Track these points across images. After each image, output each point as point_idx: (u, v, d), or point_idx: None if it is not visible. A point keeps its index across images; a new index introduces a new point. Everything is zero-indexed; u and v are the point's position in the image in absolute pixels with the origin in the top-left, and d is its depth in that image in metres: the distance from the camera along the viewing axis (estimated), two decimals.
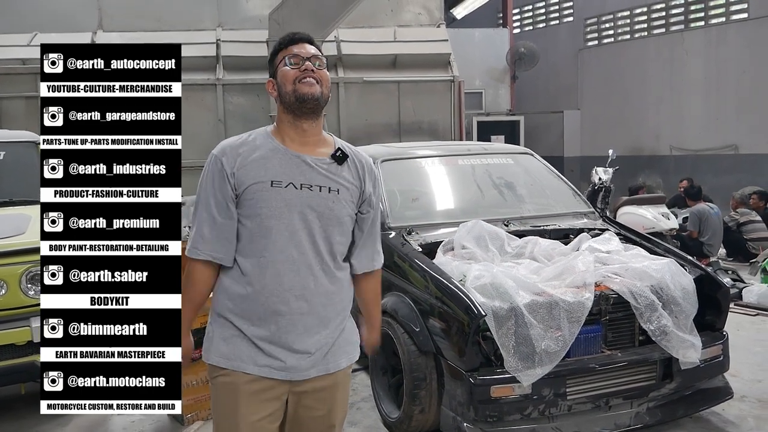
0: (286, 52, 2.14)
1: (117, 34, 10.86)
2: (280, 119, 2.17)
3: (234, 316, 2.10)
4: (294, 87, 2.08)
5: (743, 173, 11.68)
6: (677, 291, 3.59)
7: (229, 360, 2.10)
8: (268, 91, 2.21)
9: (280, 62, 2.14)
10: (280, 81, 2.12)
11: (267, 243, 2.05)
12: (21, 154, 4.96)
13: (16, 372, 3.87)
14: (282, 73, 2.13)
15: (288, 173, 2.07)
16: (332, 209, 2.11)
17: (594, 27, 15.16)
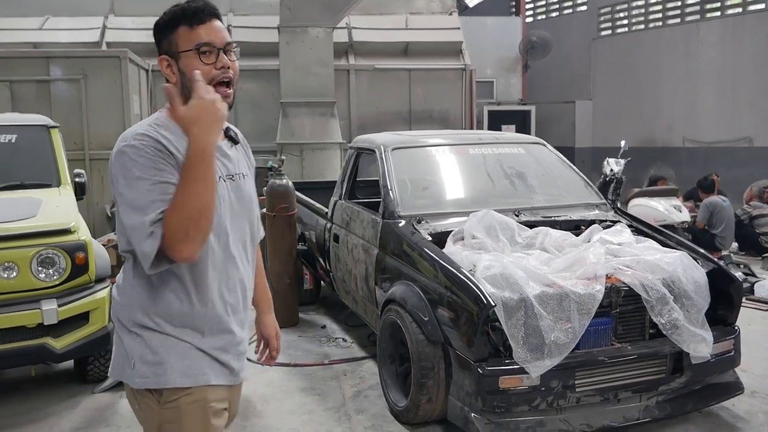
0: (194, 36, 1.81)
1: (128, 18, 10.87)
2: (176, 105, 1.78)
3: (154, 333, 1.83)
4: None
5: (757, 166, 11.55)
6: (689, 284, 3.56)
7: (194, 378, 1.85)
8: (162, 69, 1.86)
9: (188, 49, 1.81)
10: (186, 75, 1.81)
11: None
12: (33, 138, 4.97)
13: (27, 354, 3.90)
14: (192, 66, 1.79)
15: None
16: (250, 194, 1.99)
17: (608, 16, 15.01)
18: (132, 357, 1.84)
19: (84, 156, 8.28)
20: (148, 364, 1.82)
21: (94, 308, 4.06)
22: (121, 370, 1.88)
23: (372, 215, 4.56)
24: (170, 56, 1.85)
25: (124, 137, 1.78)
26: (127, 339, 1.85)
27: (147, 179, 1.70)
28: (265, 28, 10.45)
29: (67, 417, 4.03)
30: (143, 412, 1.89)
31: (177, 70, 1.84)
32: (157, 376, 1.82)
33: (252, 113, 10.37)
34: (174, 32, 1.83)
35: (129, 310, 1.85)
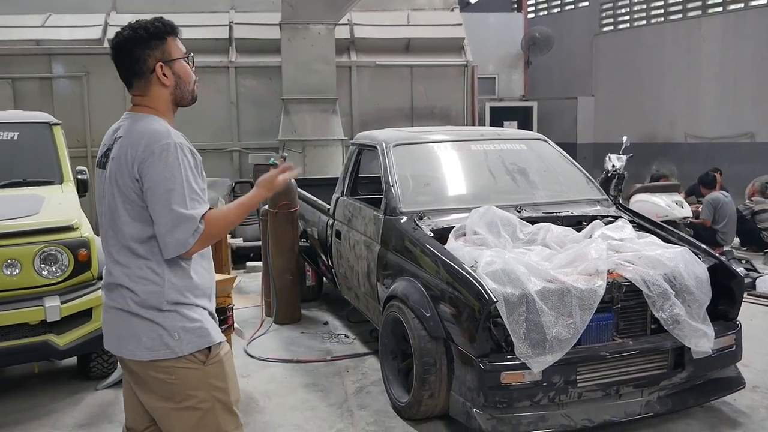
0: (180, 46, 2.21)
1: (130, 15, 10.80)
2: (165, 107, 2.23)
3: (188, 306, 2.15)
4: (193, 88, 2.26)
5: (759, 162, 11.52)
6: (690, 280, 3.56)
7: (206, 338, 2.18)
8: (160, 75, 2.17)
9: (180, 57, 2.20)
10: (184, 78, 2.22)
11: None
12: (35, 135, 4.98)
13: (30, 351, 3.92)
14: (184, 69, 2.21)
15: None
16: None
17: (610, 12, 14.96)
18: (174, 330, 2.10)
19: (86, 153, 8.32)
20: (190, 331, 2.12)
21: (97, 305, 4.07)
22: (161, 346, 2.09)
23: (374, 211, 4.57)
24: (165, 63, 2.16)
25: (165, 133, 2.08)
26: (162, 318, 2.10)
27: (194, 180, 2.08)
28: (266, 25, 10.43)
29: (71, 413, 4.04)
30: (182, 379, 2.12)
31: (172, 74, 2.18)
32: (202, 337, 2.15)
33: (254, 110, 10.37)
34: (165, 41, 2.17)
35: (160, 295, 2.10)
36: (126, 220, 2.09)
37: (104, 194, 2.17)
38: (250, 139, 10.36)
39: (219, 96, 10.30)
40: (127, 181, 2.06)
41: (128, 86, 2.22)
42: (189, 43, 2.21)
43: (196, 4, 11.08)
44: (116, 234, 2.13)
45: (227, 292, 4.12)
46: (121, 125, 2.20)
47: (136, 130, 2.11)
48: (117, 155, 2.11)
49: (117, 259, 2.14)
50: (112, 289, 2.18)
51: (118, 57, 2.19)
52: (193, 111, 9.97)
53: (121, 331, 2.16)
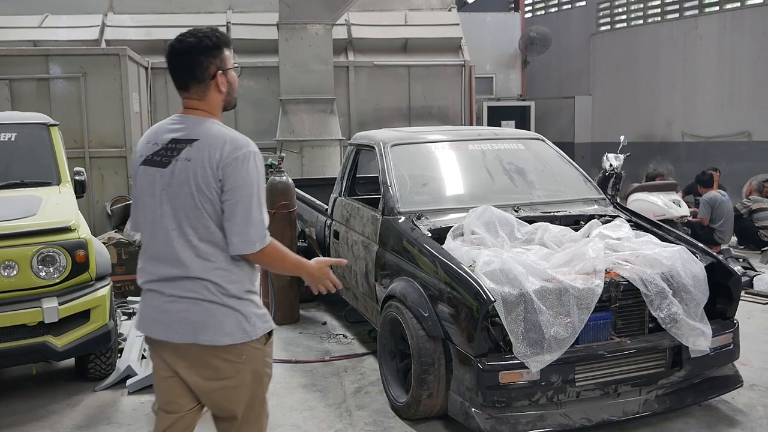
0: (230, 57, 2.39)
1: (128, 16, 10.87)
2: (219, 113, 2.40)
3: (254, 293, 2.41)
4: (235, 96, 2.45)
5: (756, 161, 11.55)
6: (688, 278, 3.57)
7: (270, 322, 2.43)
8: (219, 83, 2.34)
9: (233, 67, 2.39)
10: (233, 86, 2.41)
11: None
12: (32, 136, 4.97)
13: (28, 352, 3.91)
14: (234, 79, 2.41)
15: None
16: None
17: (607, 11, 14.98)
18: (250, 316, 2.33)
19: (84, 154, 8.29)
20: (261, 317, 2.37)
21: (95, 306, 4.08)
22: (239, 331, 2.30)
23: (372, 212, 4.57)
24: (221, 70, 2.34)
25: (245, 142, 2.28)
26: (241, 305, 2.32)
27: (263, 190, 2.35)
28: (264, 25, 10.45)
29: (69, 415, 4.04)
30: (250, 359, 2.35)
31: (226, 81, 2.36)
32: (268, 323, 2.40)
33: (252, 110, 10.38)
34: (221, 53, 2.33)
35: (240, 284, 2.32)
36: (209, 218, 2.24)
37: (161, 190, 2.28)
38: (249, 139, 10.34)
39: None
40: (210, 181, 2.21)
41: (184, 89, 2.35)
42: None
43: (193, 5, 11.09)
44: (196, 231, 2.25)
45: None
46: (182, 127, 2.32)
47: (213, 134, 2.26)
48: (195, 157, 2.23)
49: (196, 254, 2.26)
50: (185, 281, 2.28)
51: (180, 61, 2.32)
52: None
53: (198, 319, 2.28)
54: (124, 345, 4.92)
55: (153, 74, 10.03)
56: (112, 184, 8.46)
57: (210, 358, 2.30)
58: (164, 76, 10.14)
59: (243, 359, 2.33)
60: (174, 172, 2.25)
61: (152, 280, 2.36)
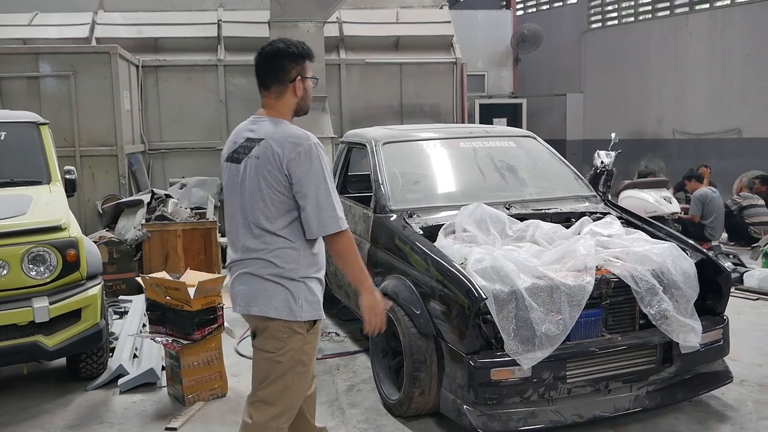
0: (310, 69, 2.68)
1: (118, 14, 10.80)
2: (289, 114, 2.70)
3: (311, 279, 2.61)
4: (309, 104, 2.74)
5: (746, 157, 11.62)
6: (678, 275, 3.59)
7: (318, 312, 2.63)
8: (295, 87, 2.63)
9: (309, 77, 2.67)
10: (308, 93, 2.69)
11: None
12: (22, 135, 4.95)
13: (19, 352, 3.89)
14: (309, 88, 2.69)
15: None
16: None
17: (598, 9, 15.01)
18: (299, 298, 2.56)
19: (74, 153, 8.26)
20: (311, 302, 2.59)
21: (86, 305, 4.06)
22: (285, 309, 2.55)
23: (363, 209, 4.57)
24: (300, 77, 2.63)
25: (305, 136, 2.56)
26: (293, 286, 2.56)
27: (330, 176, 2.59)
28: (255, 23, 10.40)
29: (60, 414, 4.03)
30: (290, 339, 2.56)
31: (303, 88, 2.65)
32: (316, 311, 2.62)
33: (243, 108, 10.33)
34: (303, 63, 2.64)
35: (295, 266, 2.56)
36: (275, 210, 2.53)
37: (237, 184, 2.60)
38: None
39: (208, 94, 10.27)
40: (278, 176, 2.50)
41: (265, 88, 2.65)
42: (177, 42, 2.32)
43: (184, 3, 11.04)
44: (259, 221, 2.55)
45: (217, 292, 4.12)
46: (256, 127, 2.63)
47: (278, 132, 2.55)
48: (263, 154, 2.52)
49: (259, 240, 2.56)
50: (247, 261, 2.59)
51: (267, 62, 2.63)
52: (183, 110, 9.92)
53: (252, 293, 2.58)
54: (116, 344, 4.90)
55: (144, 72, 9.99)
56: (103, 183, 8.43)
57: (262, 326, 2.59)
58: (155, 74, 10.12)
59: (284, 338, 2.56)
60: (246, 168, 2.57)
61: (229, 264, 2.71)
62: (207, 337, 4.07)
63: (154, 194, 7.45)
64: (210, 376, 4.16)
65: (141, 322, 5.28)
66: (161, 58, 10.22)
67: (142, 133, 9.94)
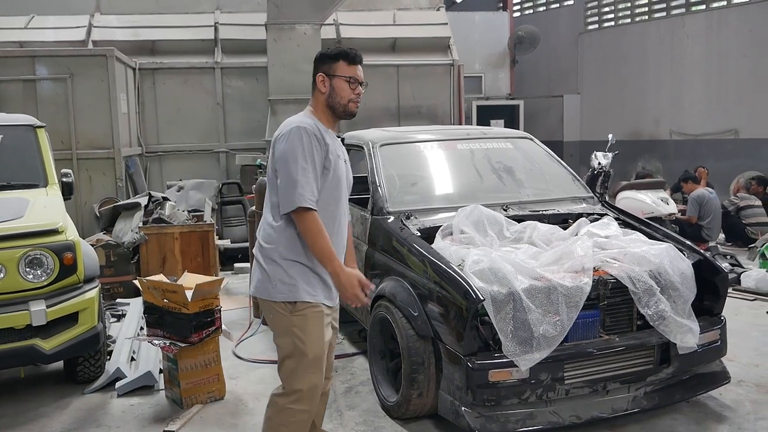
0: (351, 71, 2.80)
1: (115, 17, 10.80)
2: (320, 109, 2.83)
3: (309, 261, 2.73)
4: (346, 103, 2.83)
5: (743, 158, 11.64)
6: (675, 276, 3.59)
7: (314, 296, 2.75)
8: (317, 82, 2.80)
9: (341, 75, 2.79)
10: (337, 92, 2.80)
11: (334, 200, 2.79)
12: (19, 138, 4.94)
13: (16, 355, 3.87)
14: (341, 86, 2.80)
15: (338, 149, 2.85)
16: (349, 174, 2.98)
17: (595, 10, 15.04)
18: (274, 279, 2.73)
19: (71, 155, 8.25)
20: (286, 284, 2.72)
21: (83, 308, 4.05)
22: (264, 290, 2.76)
23: (361, 211, 4.57)
24: (327, 75, 2.80)
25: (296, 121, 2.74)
26: (270, 267, 2.74)
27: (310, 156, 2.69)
28: (252, 26, 10.41)
29: (58, 418, 4.02)
30: (276, 319, 2.78)
31: (329, 85, 2.80)
32: (292, 292, 2.73)
33: (241, 111, 10.35)
34: (336, 62, 2.80)
35: (275, 248, 2.73)
36: (270, 189, 2.80)
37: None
38: (236, 140, 10.33)
39: (205, 97, 10.27)
40: (270, 157, 2.78)
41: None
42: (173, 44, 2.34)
43: (181, 5, 11.04)
44: (267, 203, 2.83)
45: (214, 294, 4.11)
46: None
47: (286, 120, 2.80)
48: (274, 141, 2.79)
49: (263, 221, 2.84)
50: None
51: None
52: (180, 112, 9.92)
53: (252, 272, 2.91)
54: (113, 347, 4.90)
55: (140, 75, 9.99)
56: (100, 186, 8.42)
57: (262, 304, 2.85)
58: (152, 76, 10.12)
59: (271, 317, 2.80)
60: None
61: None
62: (205, 340, 4.06)
63: (152, 197, 7.45)
64: (208, 379, 4.15)
65: (138, 325, 5.28)
66: (158, 60, 10.22)
67: (139, 135, 9.94)
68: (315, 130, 2.72)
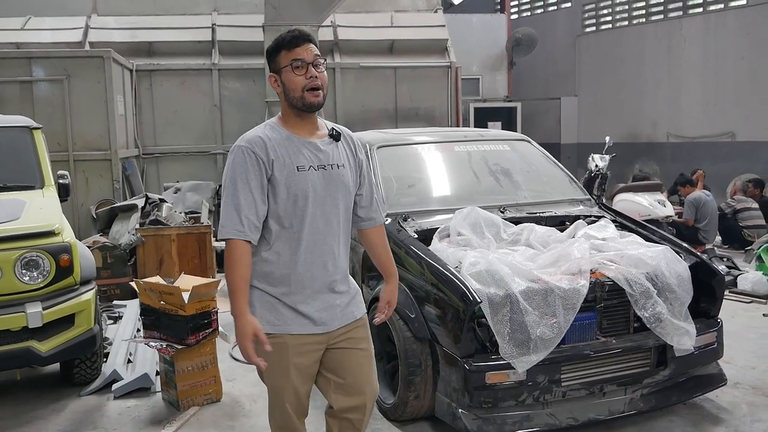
0: (291, 55, 2.37)
1: (112, 18, 10.79)
2: (285, 112, 2.46)
3: (270, 287, 2.40)
4: (302, 95, 2.37)
5: (740, 160, 11.67)
6: (672, 278, 3.59)
7: (276, 326, 2.39)
8: (271, 84, 2.46)
9: (285, 65, 2.38)
10: (288, 86, 2.39)
11: (299, 220, 2.38)
12: (15, 139, 4.92)
13: (12, 358, 3.86)
14: (288, 78, 2.38)
15: (306, 158, 2.40)
16: (343, 182, 2.47)
17: (592, 13, 15.08)
18: (252, 304, 2.39)
19: (68, 157, 8.24)
20: (254, 310, 2.37)
21: (80, 310, 4.04)
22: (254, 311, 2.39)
23: None
24: (276, 73, 2.41)
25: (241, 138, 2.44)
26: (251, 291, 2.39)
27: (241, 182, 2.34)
28: (249, 27, 10.41)
29: (54, 420, 4.01)
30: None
31: (281, 82, 2.40)
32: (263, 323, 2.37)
33: (237, 112, 10.34)
34: (278, 54, 2.40)
35: (253, 269, 2.39)
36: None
37: None
38: (233, 142, 10.22)
39: (202, 98, 10.27)
40: None
41: None
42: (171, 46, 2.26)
43: (178, 6, 11.03)
44: None
45: (211, 296, 4.11)
46: None
47: None
48: None
49: None
50: None
51: None
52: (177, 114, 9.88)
53: None
54: (110, 349, 4.88)
55: (137, 76, 9.98)
56: (97, 188, 8.41)
57: None
58: (149, 78, 10.11)
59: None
60: None
61: None
62: (201, 342, 4.06)
63: (149, 199, 7.44)
64: (204, 381, 4.14)
65: (135, 327, 5.26)
66: (155, 62, 10.22)
67: (136, 137, 9.92)
68: (255, 146, 2.34)
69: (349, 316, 2.53)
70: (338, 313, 2.48)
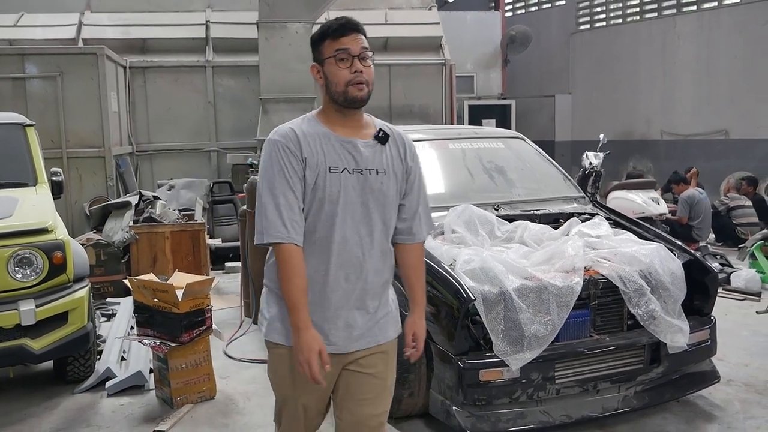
0: (336, 44, 2.18)
1: (105, 15, 10.74)
2: (326, 106, 2.27)
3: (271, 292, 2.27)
4: (345, 89, 2.18)
5: (733, 158, 11.70)
6: (666, 276, 3.61)
7: (287, 338, 2.20)
8: (313, 75, 2.27)
9: (329, 56, 2.18)
10: (330, 78, 2.20)
11: (325, 225, 2.17)
12: (8, 137, 4.90)
13: (5, 355, 3.85)
14: (331, 70, 2.19)
15: (341, 158, 2.18)
16: (381, 189, 2.22)
17: (586, 10, 15.08)
18: (261, 310, 2.30)
19: (61, 154, 8.21)
20: (266, 318, 2.27)
21: (73, 308, 4.03)
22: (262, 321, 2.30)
23: None
24: (319, 63, 2.22)
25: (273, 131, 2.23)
26: (263, 296, 2.30)
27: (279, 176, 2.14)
28: (244, 24, 10.38)
29: (47, 418, 3.99)
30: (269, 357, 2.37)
31: (323, 74, 2.20)
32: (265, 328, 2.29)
33: (232, 110, 10.33)
34: (322, 43, 2.20)
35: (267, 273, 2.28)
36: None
37: None
38: (227, 139, 10.30)
39: (196, 96, 10.24)
40: None
41: None
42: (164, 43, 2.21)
43: (172, 3, 11.00)
44: None
45: (205, 294, 4.10)
46: None
47: None
48: None
49: None
50: None
51: None
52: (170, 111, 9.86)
53: None
54: (103, 347, 4.87)
55: (131, 73, 9.94)
56: (91, 185, 8.38)
57: None
58: (142, 75, 10.08)
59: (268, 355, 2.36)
60: None
61: None
62: (195, 340, 4.05)
63: (142, 196, 7.42)
64: (198, 379, 4.14)
65: (129, 325, 5.25)
66: (149, 59, 10.18)
67: (130, 134, 9.89)
68: (289, 140, 2.15)
69: (371, 339, 2.30)
70: (357, 335, 2.26)
